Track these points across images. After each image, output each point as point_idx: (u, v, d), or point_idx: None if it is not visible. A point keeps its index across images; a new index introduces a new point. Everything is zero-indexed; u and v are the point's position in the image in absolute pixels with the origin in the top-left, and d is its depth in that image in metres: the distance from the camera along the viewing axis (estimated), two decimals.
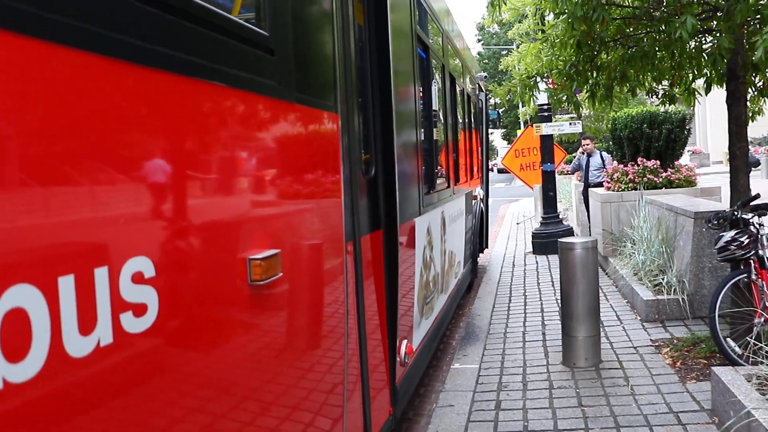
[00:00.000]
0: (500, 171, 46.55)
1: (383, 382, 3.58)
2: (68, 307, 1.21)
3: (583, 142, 11.63)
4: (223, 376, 1.81)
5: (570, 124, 11.62)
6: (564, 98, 6.75)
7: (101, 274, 1.29)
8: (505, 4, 6.40)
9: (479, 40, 51.68)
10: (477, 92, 10.20)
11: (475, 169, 9.43)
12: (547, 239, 10.80)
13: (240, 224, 1.94)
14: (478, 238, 9.49)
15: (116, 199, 1.40)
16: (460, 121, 7.86)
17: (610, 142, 10.75)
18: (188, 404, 1.65)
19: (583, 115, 16.65)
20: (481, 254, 10.44)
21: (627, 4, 6.28)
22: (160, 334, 1.50)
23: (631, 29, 6.26)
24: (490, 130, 13.28)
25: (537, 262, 10.47)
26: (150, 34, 1.49)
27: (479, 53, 50.40)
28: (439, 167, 5.97)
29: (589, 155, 11.42)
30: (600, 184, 10.45)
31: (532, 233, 11.76)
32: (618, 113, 10.05)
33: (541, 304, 7.62)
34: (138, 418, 1.43)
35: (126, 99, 1.43)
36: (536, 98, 8.15)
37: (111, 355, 1.32)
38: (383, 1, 3.58)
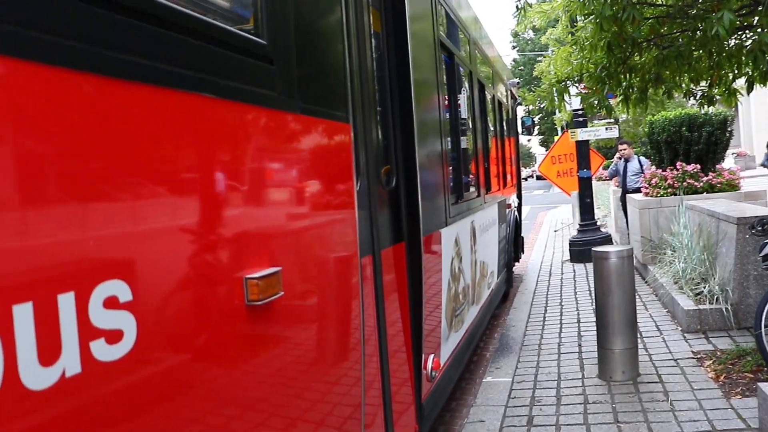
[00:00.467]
0: (538, 178, 46.11)
1: (408, 398, 3.44)
2: (27, 334, 1.13)
3: (620, 146, 11.34)
4: (220, 407, 1.70)
5: (606, 128, 11.35)
6: (596, 102, 6.54)
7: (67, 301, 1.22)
8: (530, 7, 6.23)
9: (514, 47, 51.29)
10: (509, 99, 10.03)
11: (508, 176, 9.23)
12: (585, 247, 10.53)
13: (234, 242, 1.82)
14: (513, 246, 9.28)
15: (114, 216, 1.37)
16: (491, 128, 7.71)
17: (648, 147, 10.46)
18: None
19: (620, 119, 16.31)
20: (516, 263, 10.27)
21: (660, 2, 6.06)
22: (142, 358, 1.41)
23: (666, 28, 6.05)
24: (527, 137, 13.35)
25: (574, 271, 10.22)
26: (133, 47, 1.43)
27: (514, 60, 50.01)
28: (467, 176, 5.86)
29: (627, 160, 11.13)
30: (638, 190, 10.17)
31: (569, 241, 11.51)
32: (655, 116, 9.77)
33: (578, 314, 7.39)
34: None
35: (112, 114, 1.37)
36: (568, 104, 7.93)
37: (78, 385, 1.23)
38: (401, 9, 3.50)
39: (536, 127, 13.26)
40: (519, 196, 10.75)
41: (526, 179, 58.92)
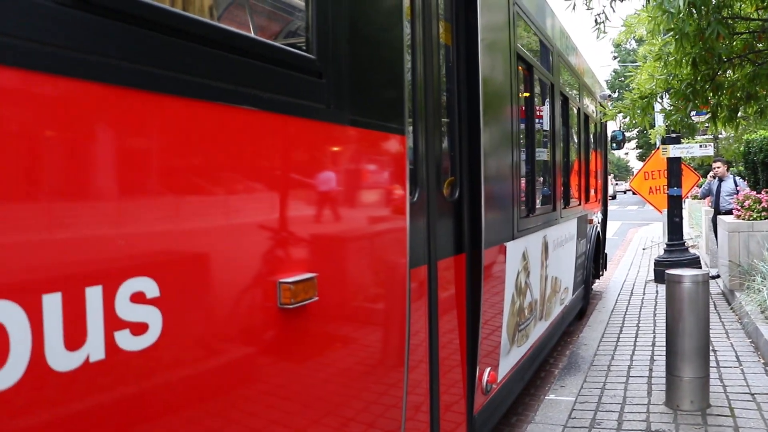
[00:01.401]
0: (634, 192, 44.51)
1: (460, 410, 3.45)
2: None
3: (714, 165, 10.87)
4: (238, 407, 1.77)
5: (701, 146, 10.87)
6: (679, 120, 6.30)
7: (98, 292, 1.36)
8: (609, 21, 6.08)
9: (615, 57, 49.87)
10: (598, 112, 9.79)
11: (592, 191, 9.01)
12: (670, 267, 10.13)
13: (272, 246, 1.91)
14: (593, 263, 9.06)
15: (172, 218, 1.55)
16: (574, 142, 7.59)
17: (741, 167, 9.97)
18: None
19: (719, 136, 15.59)
20: (597, 280, 10.02)
21: (755, 16, 5.77)
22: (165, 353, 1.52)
23: (763, 44, 5.76)
24: (623, 151, 13.08)
25: (657, 292, 9.85)
26: (189, 66, 1.59)
27: (614, 71, 48.60)
28: (541, 190, 5.79)
29: (721, 179, 10.65)
30: (731, 211, 9.71)
31: (655, 260, 11.11)
32: (753, 135, 9.31)
33: (654, 337, 7.14)
34: None
35: (172, 128, 1.54)
36: (651, 120, 7.67)
37: (101, 370, 1.36)
38: (474, 21, 3.52)
39: (625, 142, 12.79)
40: (604, 212, 10.49)
41: (617, 195, 56.89)
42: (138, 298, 1.43)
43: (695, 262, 10.41)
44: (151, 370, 1.47)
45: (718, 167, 10.72)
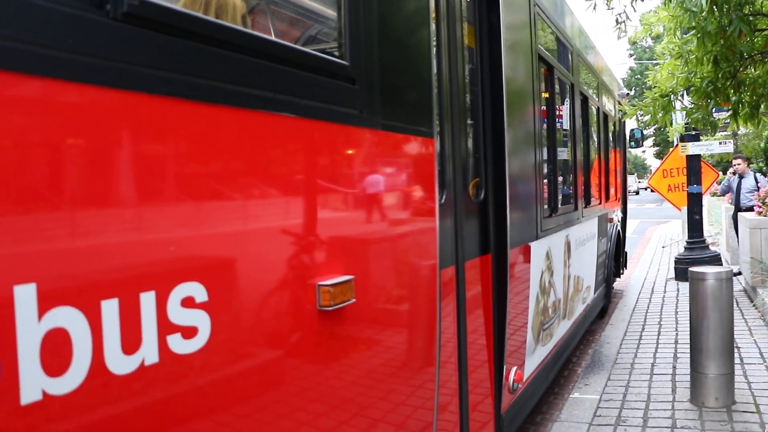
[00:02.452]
0: (653, 190, 44.22)
1: (487, 408, 3.50)
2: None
3: (734, 161, 10.82)
4: (282, 404, 1.83)
5: (720, 143, 10.82)
6: (700, 118, 6.30)
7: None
8: (630, 20, 6.10)
9: (631, 55, 49.61)
10: (616, 111, 9.82)
11: (612, 190, 9.01)
12: (691, 265, 10.10)
13: (309, 250, 1.97)
14: (614, 262, 9.07)
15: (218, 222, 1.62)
16: (593, 141, 7.61)
17: (761, 163, 9.92)
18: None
19: (739, 132, 15.48)
20: (618, 279, 10.03)
21: None
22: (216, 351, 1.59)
23: None
24: (642, 149, 13.14)
25: (678, 289, 9.83)
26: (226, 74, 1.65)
27: (631, 68, 48.32)
28: (563, 190, 5.83)
29: (741, 176, 10.60)
30: (752, 208, 9.67)
31: (675, 258, 11.07)
32: None
33: (676, 335, 7.14)
34: None
35: (215, 136, 1.61)
36: (672, 118, 7.65)
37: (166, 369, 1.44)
38: (497, 23, 3.56)
39: (644, 140, 12.77)
40: (624, 210, 10.50)
41: (637, 192, 56.77)
42: (188, 302, 1.48)
43: (716, 260, 10.36)
44: (201, 372, 1.53)
45: (738, 164, 10.67)
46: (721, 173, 15.66)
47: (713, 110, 6.38)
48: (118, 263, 1.35)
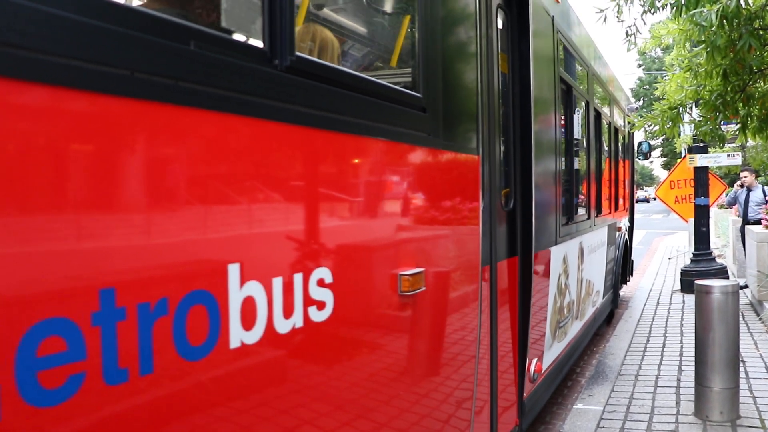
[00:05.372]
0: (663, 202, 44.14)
1: (512, 395, 3.92)
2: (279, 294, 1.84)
3: (742, 174, 10.80)
4: (381, 369, 2.39)
5: (729, 155, 10.79)
6: (708, 130, 6.30)
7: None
8: (640, 33, 6.12)
9: (640, 65, 49.54)
10: (625, 124, 10.11)
11: (621, 200, 9.33)
12: (697, 277, 10.09)
13: (394, 248, 2.49)
14: (621, 269, 9.38)
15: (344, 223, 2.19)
16: (605, 154, 8.03)
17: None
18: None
19: (747, 145, 15.45)
20: (624, 285, 10.19)
21: None
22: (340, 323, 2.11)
23: None
24: (648, 161, 14.13)
25: (684, 302, 9.81)
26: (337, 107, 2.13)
27: (639, 78, 48.27)
28: (578, 200, 6.21)
29: (749, 189, 10.57)
30: (759, 221, 9.64)
31: (681, 270, 11.05)
32: None
33: (681, 347, 7.13)
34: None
35: (333, 155, 2.12)
36: (681, 130, 7.66)
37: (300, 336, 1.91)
38: (526, 52, 4.01)
39: (652, 152, 13.09)
40: (631, 220, 10.75)
41: (648, 201, 56.75)
42: (321, 283, 1.97)
43: (722, 272, 10.34)
44: (326, 337, 2.03)
45: (746, 176, 10.65)
46: (728, 185, 15.62)
47: (722, 123, 6.39)
48: (285, 251, 1.86)
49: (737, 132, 6.38)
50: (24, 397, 1.14)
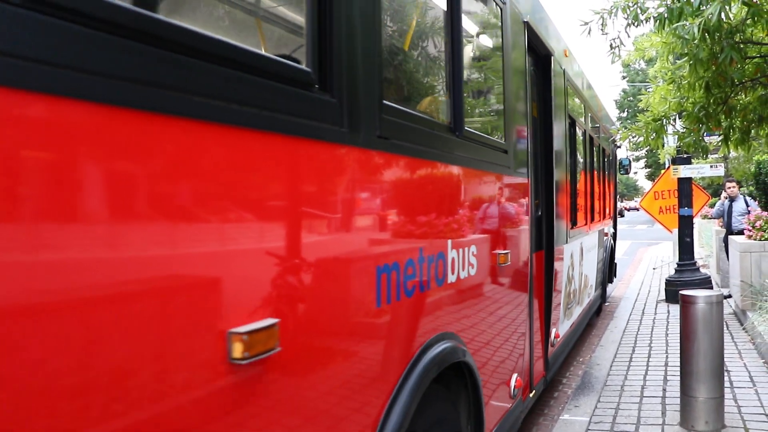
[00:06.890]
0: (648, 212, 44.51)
1: (539, 352, 5.17)
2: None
3: (728, 185, 10.89)
4: (487, 311, 3.57)
5: (712, 166, 10.90)
6: (692, 142, 6.36)
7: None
8: (624, 45, 6.18)
9: (624, 77, 50.01)
10: (610, 144, 11.69)
11: (607, 210, 11.01)
12: (682, 287, 10.16)
13: (493, 237, 3.73)
14: (608, 268, 10.93)
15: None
16: (596, 172, 9.72)
17: (752, 187, 10.02)
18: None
19: (729, 156, 15.60)
20: (610, 284, 11.67)
21: None
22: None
23: None
24: (631, 173, 17.38)
25: (668, 312, 9.86)
26: (454, 156, 3.10)
27: (624, 90, 48.74)
28: (580, 210, 7.62)
29: (732, 199, 10.68)
30: (743, 231, 9.73)
31: (666, 280, 11.11)
32: (764, 156, 9.36)
33: (667, 357, 7.16)
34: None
35: (476, 183, 3.44)
36: (665, 141, 7.78)
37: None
38: (549, 99, 5.56)
39: (631, 167, 14.65)
40: (614, 226, 12.39)
41: (622, 215, 57.14)
42: (472, 253, 3.23)
43: (706, 282, 10.41)
44: (470, 285, 3.24)
45: (732, 187, 10.74)
46: (711, 196, 15.76)
47: (704, 135, 6.46)
48: (473, 231, 3.29)
49: (720, 143, 6.45)
50: (399, 297, 2.43)
